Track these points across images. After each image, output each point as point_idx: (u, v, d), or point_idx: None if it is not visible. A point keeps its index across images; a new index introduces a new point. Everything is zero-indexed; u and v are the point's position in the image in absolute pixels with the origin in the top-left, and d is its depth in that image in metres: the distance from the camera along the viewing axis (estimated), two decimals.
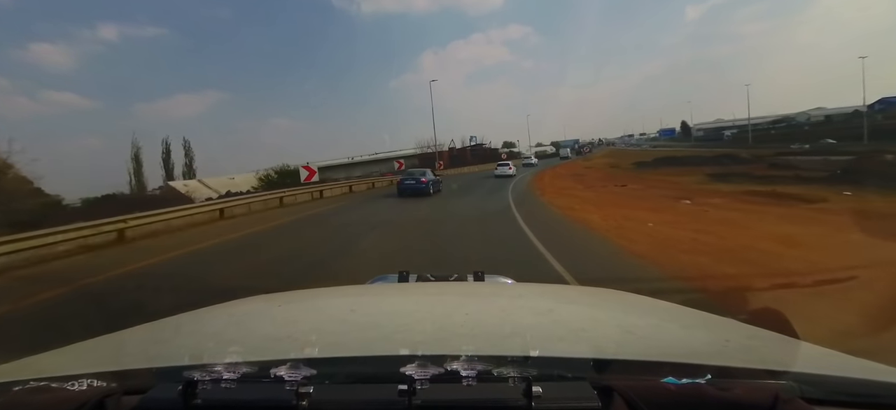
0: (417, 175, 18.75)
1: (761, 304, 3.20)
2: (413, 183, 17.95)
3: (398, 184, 18.60)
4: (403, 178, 18.73)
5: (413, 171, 20.50)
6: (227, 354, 0.68)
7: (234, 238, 9.53)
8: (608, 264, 5.28)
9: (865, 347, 2.51)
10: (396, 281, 1.50)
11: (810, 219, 7.44)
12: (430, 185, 17.77)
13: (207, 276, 6.11)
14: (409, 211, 12.70)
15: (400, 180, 18.87)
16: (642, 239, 6.43)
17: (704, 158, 28.78)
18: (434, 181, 18.61)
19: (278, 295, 1.41)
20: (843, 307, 3.30)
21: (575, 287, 3.91)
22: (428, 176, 18.47)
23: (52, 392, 0.62)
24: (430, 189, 17.80)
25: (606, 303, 1.32)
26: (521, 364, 0.63)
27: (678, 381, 0.57)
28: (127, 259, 7.57)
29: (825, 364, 0.77)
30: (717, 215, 8.39)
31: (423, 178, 17.99)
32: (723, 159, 26.53)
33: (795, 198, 10.18)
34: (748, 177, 16.68)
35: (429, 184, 17.73)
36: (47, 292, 5.47)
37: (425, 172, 19.09)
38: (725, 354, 0.81)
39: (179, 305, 1.37)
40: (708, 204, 10.08)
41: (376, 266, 5.43)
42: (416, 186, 17.73)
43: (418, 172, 19.51)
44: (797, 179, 14.47)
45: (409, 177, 18.63)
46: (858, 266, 4.32)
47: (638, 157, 37.96)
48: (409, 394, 0.59)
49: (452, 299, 1.31)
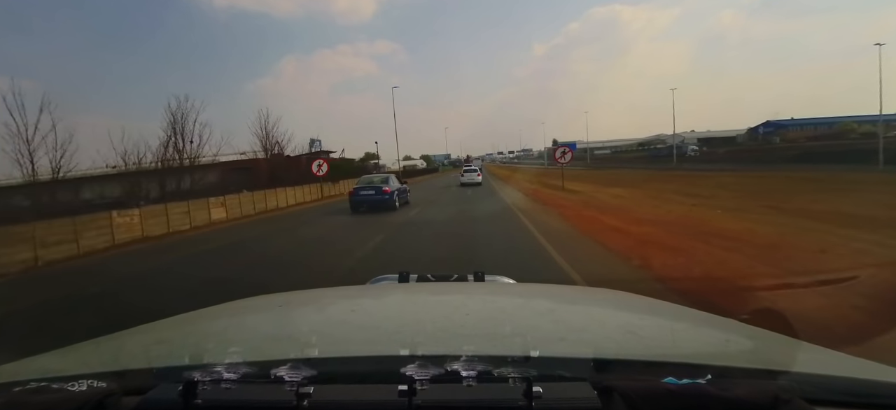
0: (377, 182, 14.28)
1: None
2: (371, 193, 13.65)
3: (351, 194, 14.25)
4: (358, 187, 14.22)
5: (372, 178, 15.49)
6: (227, 354, 0.68)
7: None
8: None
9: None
10: (397, 282, 1.49)
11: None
12: (394, 196, 13.79)
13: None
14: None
15: (354, 189, 14.42)
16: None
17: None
18: (400, 190, 14.76)
19: (278, 295, 1.41)
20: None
21: (575, 287, 3.91)
22: (392, 183, 14.31)
23: (52, 393, 0.62)
24: (396, 201, 13.84)
25: (606, 303, 1.32)
26: (521, 364, 0.63)
27: (678, 381, 0.57)
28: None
29: (825, 364, 0.77)
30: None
31: (385, 187, 13.75)
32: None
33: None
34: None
35: (393, 195, 13.75)
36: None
37: (388, 178, 14.83)
38: (725, 354, 0.81)
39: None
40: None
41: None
42: (375, 198, 13.49)
43: (379, 178, 15.02)
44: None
45: (366, 186, 14.16)
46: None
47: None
48: (409, 394, 0.59)
49: (453, 299, 1.31)
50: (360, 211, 13.40)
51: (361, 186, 14.18)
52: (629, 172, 31.29)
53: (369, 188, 13.87)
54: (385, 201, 13.46)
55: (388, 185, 13.90)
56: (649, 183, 19.29)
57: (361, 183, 14.63)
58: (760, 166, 26.54)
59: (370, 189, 13.81)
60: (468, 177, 25.61)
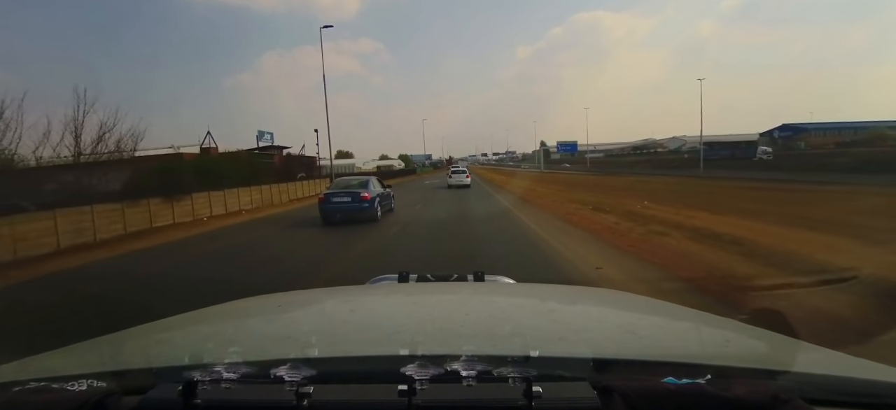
0: (355, 187, 11.59)
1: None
2: (347, 201, 11.06)
3: (321, 201, 11.48)
4: (331, 192, 11.49)
5: (350, 181, 12.74)
6: (227, 354, 0.68)
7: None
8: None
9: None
10: (396, 282, 1.49)
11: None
12: (375, 204, 11.33)
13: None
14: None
15: (324, 195, 11.59)
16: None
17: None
18: (382, 196, 12.13)
19: (278, 295, 1.41)
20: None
21: (575, 287, 3.90)
22: (372, 188, 11.64)
23: (52, 393, 0.62)
24: (377, 209, 11.38)
25: (606, 303, 1.32)
26: (521, 364, 0.63)
27: (678, 381, 0.57)
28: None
29: (824, 364, 0.77)
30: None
31: (363, 193, 11.18)
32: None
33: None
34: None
35: (373, 203, 11.25)
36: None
37: (368, 182, 12.00)
38: (725, 354, 0.81)
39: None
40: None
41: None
42: (352, 206, 10.98)
43: (357, 181, 12.29)
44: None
45: (340, 191, 11.44)
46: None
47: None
48: (409, 394, 0.59)
49: (452, 299, 1.31)
50: (335, 222, 10.85)
51: (334, 192, 11.49)
52: (657, 181, 23.90)
53: (344, 193, 11.26)
54: (364, 210, 10.96)
55: (368, 190, 11.31)
56: (749, 203, 11.78)
57: (335, 187, 11.98)
58: (849, 177, 18.15)
59: (345, 195, 11.19)
60: (456, 178, 24.24)
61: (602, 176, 34.31)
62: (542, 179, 29.75)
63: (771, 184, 18.60)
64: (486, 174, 44.18)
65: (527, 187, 22.00)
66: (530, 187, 22.02)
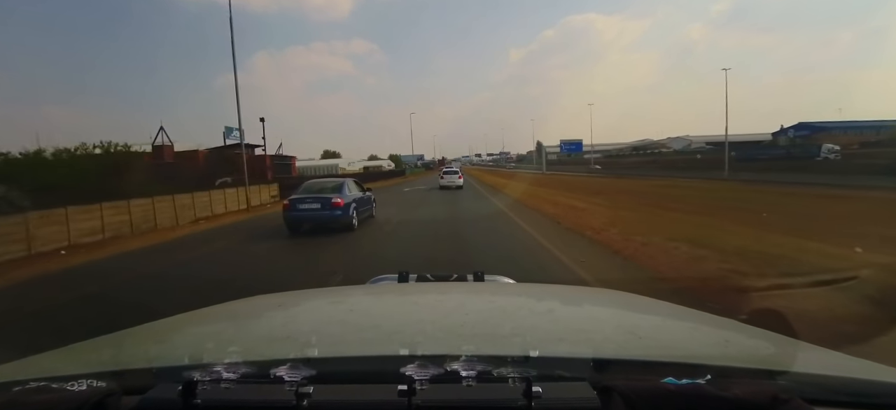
0: (328, 191, 9.78)
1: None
2: (316, 208, 9.35)
3: (286, 208, 9.74)
4: (297, 198, 9.67)
5: (322, 184, 10.71)
6: (226, 354, 0.68)
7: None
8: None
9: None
10: (396, 282, 1.49)
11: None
12: (350, 211, 9.51)
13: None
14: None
15: (290, 200, 9.78)
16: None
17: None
18: (360, 201, 10.37)
19: (278, 295, 1.41)
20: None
21: (575, 287, 3.90)
22: (347, 192, 9.87)
23: (52, 393, 0.62)
24: (352, 217, 9.59)
25: (606, 304, 1.32)
26: (521, 364, 0.63)
27: (678, 381, 0.57)
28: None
29: (824, 364, 0.77)
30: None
31: (335, 198, 9.42)
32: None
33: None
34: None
35: (347, 210, 9.44)
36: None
37: (342, 185, 10.14)
38: (725, 354, 0.81)
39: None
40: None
41: None
42: (321, 214, 9.30)
43: (330, 185, 10.40)
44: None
45: (308, 197, 9.64)
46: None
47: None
48: (409, 394, 0.59)
49: (452, 299, 1.30)
50: (301, 232, 9.31)
51: (301, 197, 9.63)
52: (688, 186, 18.75)
53: (313, 200, 9.44)
54: (336, 218, 9.27)
55: (342, 195, 9.54)
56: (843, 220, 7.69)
57: (303, 192, 9.95)
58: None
59: (314, 201, 9.40)
60: (448, 179, 23.48)
61: (613, 178, 30.23)
62: (548, 182, 25.47)
63: (873, 192, 12.86)
64: (482, 176, 39.62)
65: (509, 187, 19.97)
66: (514, 188, 19.32)
